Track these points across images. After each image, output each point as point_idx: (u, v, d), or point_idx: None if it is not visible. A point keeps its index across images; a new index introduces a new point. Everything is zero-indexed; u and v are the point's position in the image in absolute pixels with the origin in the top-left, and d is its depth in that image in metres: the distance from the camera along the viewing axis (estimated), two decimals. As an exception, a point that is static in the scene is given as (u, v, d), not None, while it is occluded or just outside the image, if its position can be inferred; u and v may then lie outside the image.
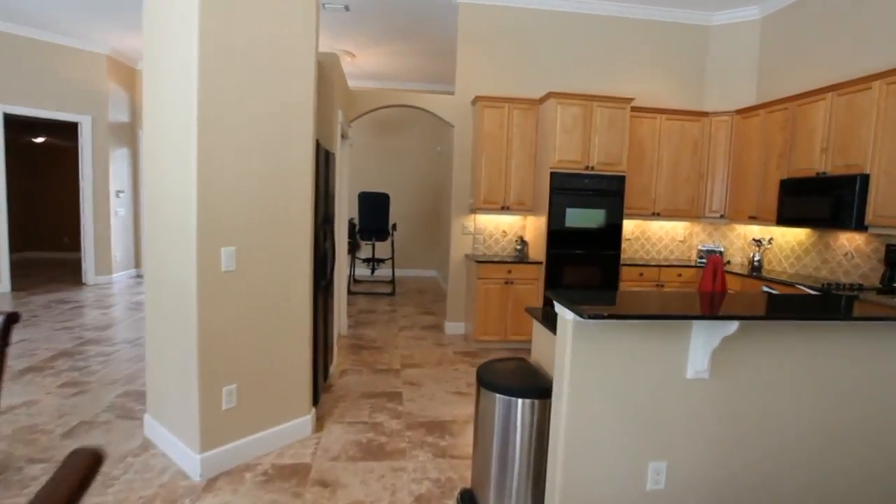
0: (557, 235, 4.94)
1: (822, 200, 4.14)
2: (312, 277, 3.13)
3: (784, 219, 4.52)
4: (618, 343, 2.00)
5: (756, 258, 5.06)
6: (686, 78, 5.74)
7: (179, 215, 2.60)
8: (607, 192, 5.00)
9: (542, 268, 4.98)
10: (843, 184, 3.96)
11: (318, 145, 3.17)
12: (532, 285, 5.03)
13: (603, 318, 1.78)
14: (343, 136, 5.14)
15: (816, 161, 4.28)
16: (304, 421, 3.09)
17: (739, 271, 4.86)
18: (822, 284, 3.98)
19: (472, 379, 4.22)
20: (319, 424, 3.28)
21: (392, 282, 8.15)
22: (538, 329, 2.64)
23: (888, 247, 3.82)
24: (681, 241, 5.89)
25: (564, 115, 4.86)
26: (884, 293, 3.74)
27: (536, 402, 2.22)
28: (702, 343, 1.97)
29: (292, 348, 3.00)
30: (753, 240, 5.10)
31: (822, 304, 2.43)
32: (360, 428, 3.28)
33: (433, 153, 9.66)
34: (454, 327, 5.62)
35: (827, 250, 4.54)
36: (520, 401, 2.22)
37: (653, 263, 5.26)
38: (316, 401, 3.36)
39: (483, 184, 5.17)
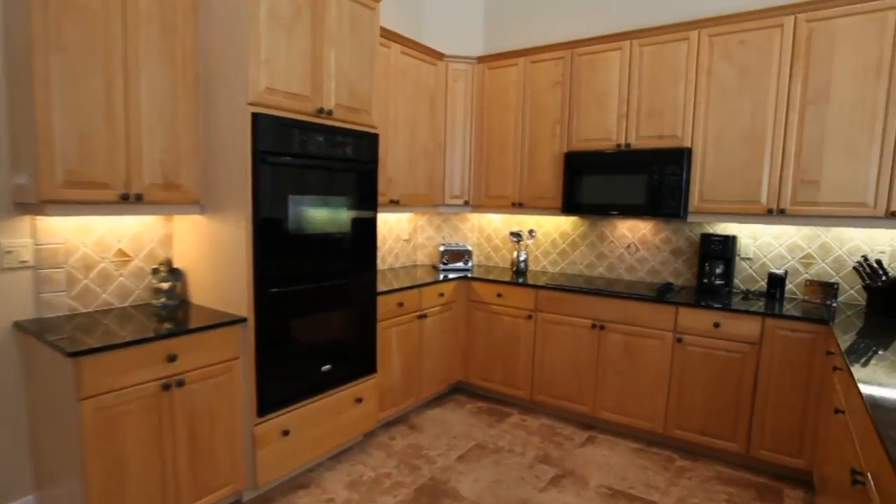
0: (276, 252, 2.31)
1: (633, 181, 3.15)
2: None
3: (574, 206, 3.39)
4: None
5: (521, 258, 3.85)
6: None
7: None
8: (355, 163, 2.68)
9: (249, 329, 2.25)
10: (664, 160, 3.05)
11: None
12: (224, 376, 2.21)
13: None
14: None
15: (614, 130, 3.28)
16: None
17: (486, 275, 3.52)
18: (659, 287, 3.02)
19: None
20: None
21: None
22: None
23: (705, 238, 3.16)
24: (405, 241, 4.15)
25: (276, -11, 2.21)
26: (705, 293, 3.05)
27: None
28: None
29: None
30: (512, 234, 3.86)
31: None
32: None
33: None
34: (-1, 513, 2.12)
35: (602, 242, 3.70)
36: None
37: (418, 283, 3.30)
38: None
39: (62, 140, 1.91)
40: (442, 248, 3.94)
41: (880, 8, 2.52)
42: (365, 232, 2.77)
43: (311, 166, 2.42)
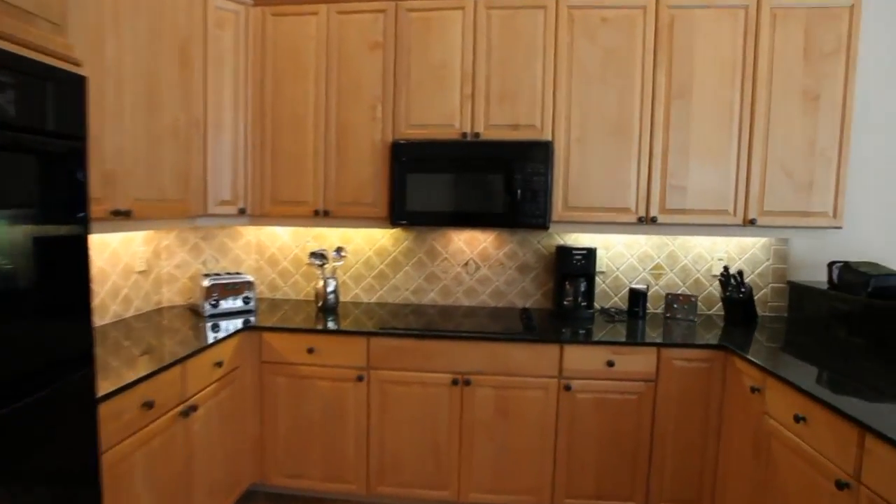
0: None
1: (487, 182, 2.43)
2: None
3: (407, 214, 2.49)
4: None
5: (330, 288, 2.75)
6: None
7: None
8: (30, 133, 1.21)
9: None
10: (523, 155, 2.40)
11: None
12: None
13: None
14: None
15: (457, 114, 2.49)
16: None
17: (278, 315, 2.43)
18: (524, 312, 2.33)
19: None
20: None
21: None
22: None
23: (563, 252, 2.64)
24: (141, 274, 2.61)
25: None
26: (567, 318, 2.56)
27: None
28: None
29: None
30: (313, 255, 2.73)
31: None
32: None
33: None
34: None
35: (433, 261, 2.90)
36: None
37: (177, 357, 1.88)
38: None
39: None
40: (207, 282, 2.55)
41: (733, 5, 2.34)
42: (62, 281, 1.32)
43: None
